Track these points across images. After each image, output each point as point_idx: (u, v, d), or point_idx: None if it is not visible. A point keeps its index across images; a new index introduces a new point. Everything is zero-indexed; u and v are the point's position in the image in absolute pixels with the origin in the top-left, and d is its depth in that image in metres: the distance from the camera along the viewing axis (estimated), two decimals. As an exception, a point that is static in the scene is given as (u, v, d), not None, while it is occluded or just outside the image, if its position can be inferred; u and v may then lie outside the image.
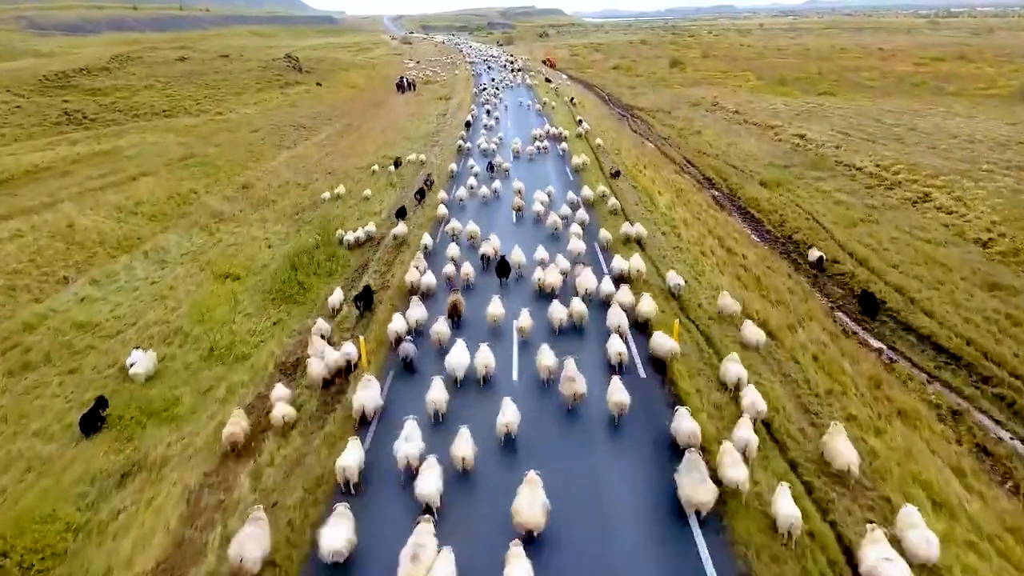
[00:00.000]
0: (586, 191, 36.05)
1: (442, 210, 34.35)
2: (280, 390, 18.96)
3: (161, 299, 27.97)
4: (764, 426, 16.10)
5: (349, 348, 20.68)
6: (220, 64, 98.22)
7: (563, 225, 30.71)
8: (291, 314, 26.22)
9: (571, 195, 35.26)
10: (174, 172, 45.94)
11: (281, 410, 17.92)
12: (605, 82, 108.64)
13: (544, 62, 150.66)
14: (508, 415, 15.79)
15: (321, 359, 20.22)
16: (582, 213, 31.72)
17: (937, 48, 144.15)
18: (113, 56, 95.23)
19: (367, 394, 17.17)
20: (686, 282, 24.34)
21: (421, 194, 39.75)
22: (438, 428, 16.36)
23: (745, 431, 14.98)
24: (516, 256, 26.37)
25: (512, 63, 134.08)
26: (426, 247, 29.43)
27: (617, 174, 41.93)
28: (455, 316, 22.24)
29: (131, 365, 21.89)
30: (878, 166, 45.01)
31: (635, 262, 25.45)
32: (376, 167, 47.79)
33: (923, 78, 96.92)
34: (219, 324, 25.19)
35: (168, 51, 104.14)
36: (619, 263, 25.39)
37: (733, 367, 17.93)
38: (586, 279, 23.34)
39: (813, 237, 33.31)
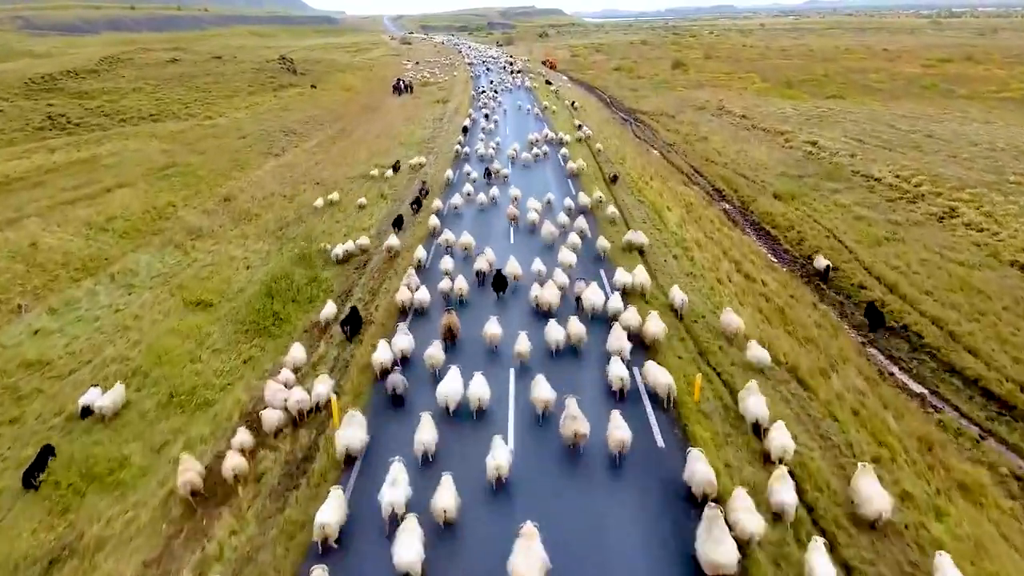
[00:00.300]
0: (583, 198, 34.41)
1: (434, 221, 32.18)
2: (243, 435, 16.99)
3: (124, 331, 25.37)
4: (807, 509, 13.51)
5: (321, 388, 18.27)
6: (212, 66, 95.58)
7: (559, 234, 29.33)
8: (265, 349, 23.64)
9: (568, 201, 33.88)
10: (153, 183, 43.31)
11: (232, 462, 15.80)
12: (607, 84, 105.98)
13: (544, 63, 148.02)
14: (499, 457, 14.15)
15: (279, 408, 18.01)
16: (581, 222, 30.05)
17: (943, 49, 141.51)
18: (102, 58, 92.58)
19: (352, 432, 15.55)
20: (690, 299, 22.24)
21: (417, 204, 37.68)
22: (427, 470, 14.71)
23: (785, 493, 13.01)
24: (512, 268, 25.02)
25: (511, 64, 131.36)
26: (419, 261, 27.78)
27: (615, 178, 40.51)
28: (449, 338, 20.65)
29: (84, 408, 19.54)
30: (898, 177, 42.36)
31: (639, 275, 24.04)
32: (373, 172, 45.59)
33: (932, 80, 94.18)
34: (183, 363, 22.62)
35: (160, 52, 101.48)
36: (622, 276, 23.95)
37: (754, 402, 15.89)
38: (593, 296, 21.97)
39: (835, 258, 30.66)
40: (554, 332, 19.76)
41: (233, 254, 33.00)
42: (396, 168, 46.54)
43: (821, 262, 29.57)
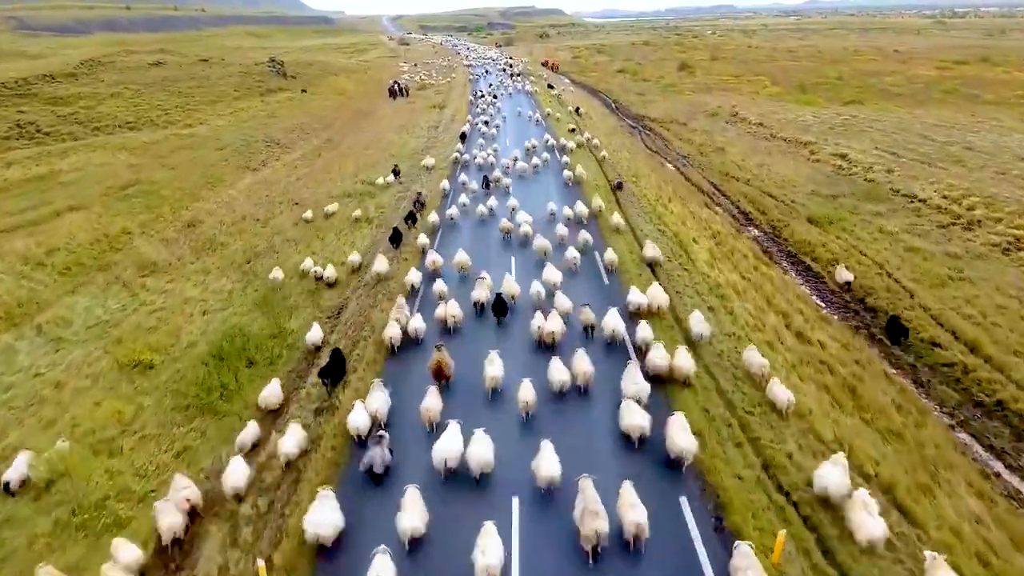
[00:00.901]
0: (580, 207, 32.67)
1: (423, 240, 30.10)
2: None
3: (38, 404, 20.56)
4: None
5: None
6: (198, 69, 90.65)
7: (557, 246, 28.18)
8: (206, 435, 18.79)
9: (567, 211, 32.53)
10: (110, 205, 38.48)
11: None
12: (611, 87, 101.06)
13: (543, 64, 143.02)
14: (490, 555, 11.60)
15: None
16: (584, 235, 28.58)
17: (954, 50, 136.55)
18: (82, 61, 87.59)
19: (322, 518, 13.12)
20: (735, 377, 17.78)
21: (412, 218, 33.96)
22: (416, 555, 12.71)
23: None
24: (509, 288, 23.32)
25: (511, 67, 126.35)
26: (412, 287, 25.45)
27: (620, 185, 38.75)
28: (441, 378, 18.41)
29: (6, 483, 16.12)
30: (945, 198, 37.52)
31: (655, 294, 22.24)
32: (358, 187, 41.26)
33: (952, 84, 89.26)
34: (100, 457, 17.82)
35: (143, 55, 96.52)
36: (636, 296, 22.18)
37: (833, 473, 13.38)
38: (613, 322, 20.31)
39: (894, 303, 25.86)
40: (558, 373, 17.68)
41: (189, 294, 28.17)
42: (396, 172, 44.66)
43: (844, 275, 27.72)
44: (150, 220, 36.38)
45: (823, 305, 26.71)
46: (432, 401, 16.90)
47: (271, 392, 19.39)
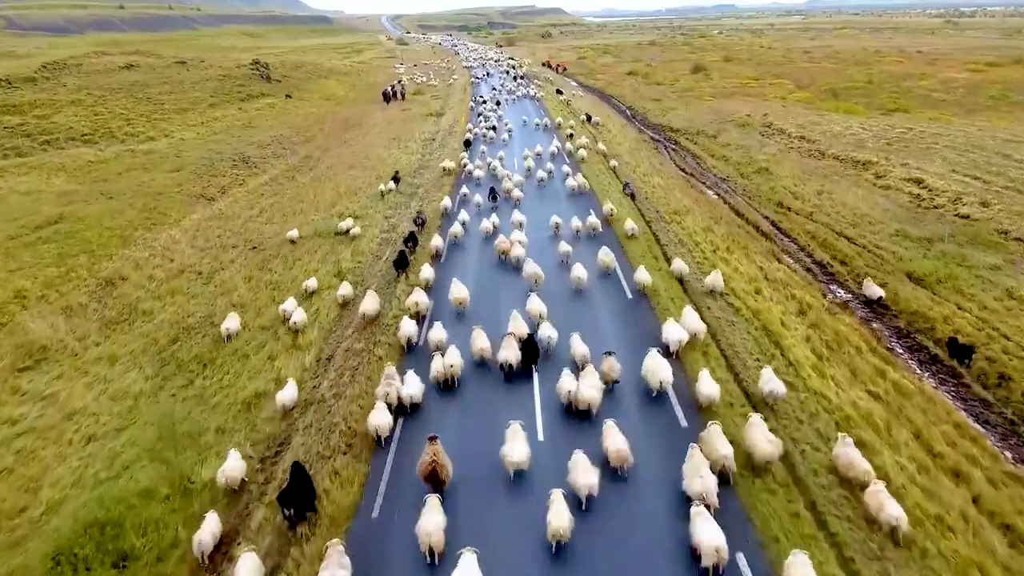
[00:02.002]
0: (592, 219, 30.17)
1: (427, 273, 25.25)
2: None
3: None
4: None
5: None
6: (173, 72, 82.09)
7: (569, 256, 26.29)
8: None
9: (576, 221, 30.58)
10: (14, 253, 30.04)
11: None
12: (623, 92, 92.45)
13: (545, 64, 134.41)
14: None
15: None
16: (605, 254, 25.91)
17: (980, 51, 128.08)
18: (44, 64, 79.02)
19: None
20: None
21: (413, 241, 29.40)
22: None
23: None
24: (519, 327, 19.54)
25: (514, 68, 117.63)
26: (409, 342, 20.66)
27: (633, 195, 35.93)
28: (437, 484, 13.85)
29: None
30: (1078, 244, 29.13)
31: (691, 321, 19.65)
32: (332, 222, 33.14)
33: (999, 89, 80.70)
34: None
35: (116, 57, 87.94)
36: (674, 331, 18.91)
37: None
38: (658, 369, 16.88)
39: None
40: (584, 475, 13.29)
41: (77, 404, 19.77)
42: (397, 180, 40.21)
43: (873, 289, 25.23)
44: (58, 277, 27.88)
45: (981, 431, 18.21)
46: (432, 521, 12.49)
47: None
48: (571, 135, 52.17)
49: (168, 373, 21.27)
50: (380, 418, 16.17)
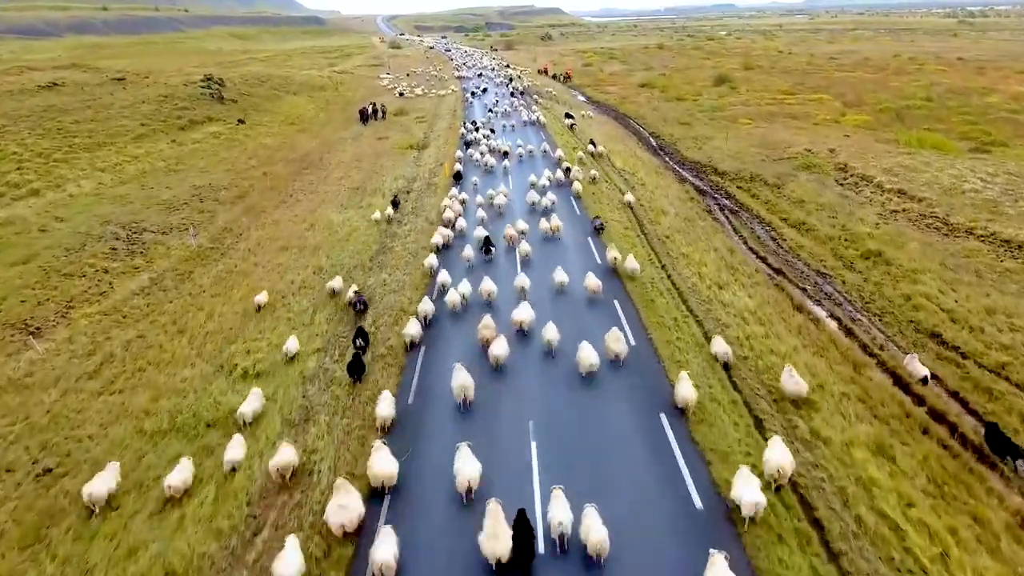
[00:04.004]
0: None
1: (386, 411, 17.22)
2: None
3: None
4: None
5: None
6: (105, 93, 66.94)
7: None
8: None
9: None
10: None
11: None
12: (641, 110, 77.37)
13: (542, 72, 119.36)
14: None
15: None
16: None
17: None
18: (-59, 84, 63.93)
19: None
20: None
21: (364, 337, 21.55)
22: None
23: None
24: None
25: (511, 81, 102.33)
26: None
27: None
28: None
29: None
30: None
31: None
32: (211, 400, 18.71)
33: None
34: None
35: (39, 73, 72.69)
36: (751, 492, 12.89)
37: None
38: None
39: None
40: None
41: None
42: (396, 204, 31.82)
43: (917, 368, 19.50)
44: None
45: None
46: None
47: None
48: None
49: None
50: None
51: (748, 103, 79.86)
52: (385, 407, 17.42)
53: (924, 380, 20.07)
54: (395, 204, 37.76)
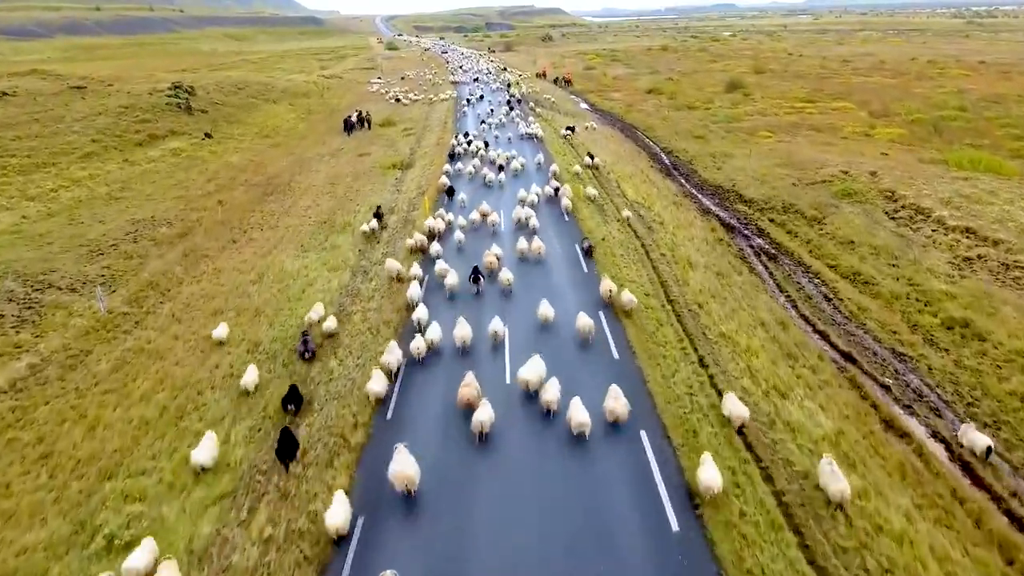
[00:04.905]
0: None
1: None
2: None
3: None
4: None
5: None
6: (60, 104, 60.14)
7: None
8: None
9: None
10: None
11: None
12: (650, 120, 70.47)
13: (541, 75, 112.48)
14: None
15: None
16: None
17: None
18: None
19: None
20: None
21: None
22: None
23: None
24: None
25: (508, 88, 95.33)
26: None
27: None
28: None
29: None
30: None
31: None
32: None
33: None
34: None
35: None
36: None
37: None
38: None
39: None
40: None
41: None
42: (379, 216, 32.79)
43: (979, 440, 16.25)
44: None
45: None
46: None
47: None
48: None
49: None
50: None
51: (765, 112, 73.00)
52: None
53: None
54: (378, 217, 35.59)
